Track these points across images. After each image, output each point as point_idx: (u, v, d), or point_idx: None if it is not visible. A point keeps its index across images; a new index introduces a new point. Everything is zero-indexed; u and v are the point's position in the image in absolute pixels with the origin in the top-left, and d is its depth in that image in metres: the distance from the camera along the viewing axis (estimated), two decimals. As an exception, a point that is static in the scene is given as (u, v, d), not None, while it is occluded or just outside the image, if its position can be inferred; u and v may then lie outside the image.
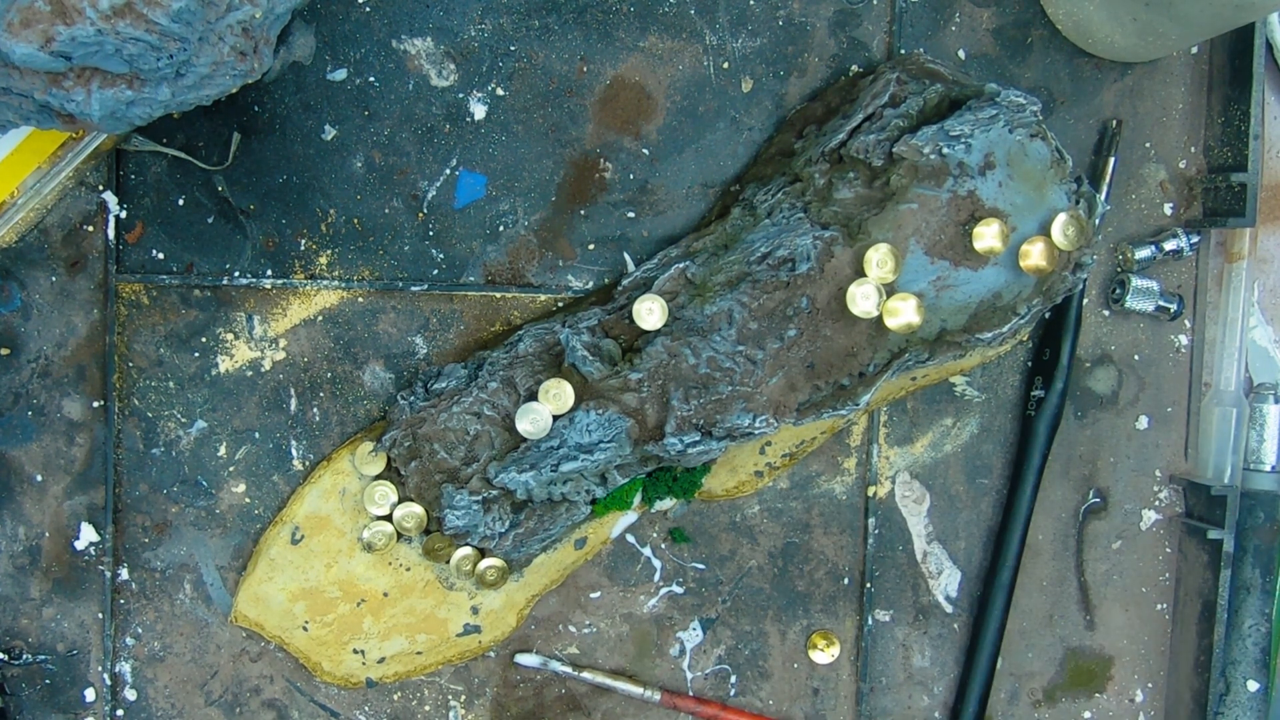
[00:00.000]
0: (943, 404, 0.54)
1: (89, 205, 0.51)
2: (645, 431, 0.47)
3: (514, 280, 0.52)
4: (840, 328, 0.47)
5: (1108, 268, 0.54)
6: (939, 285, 0.46)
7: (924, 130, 0.46)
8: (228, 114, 0.51)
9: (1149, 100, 0.54)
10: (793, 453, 0.53)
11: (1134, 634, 0.56)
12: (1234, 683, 0.53)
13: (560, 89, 0.52)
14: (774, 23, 0.52)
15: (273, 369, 0.52)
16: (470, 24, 0.51)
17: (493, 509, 0.49)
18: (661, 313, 0.48)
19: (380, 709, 0.53)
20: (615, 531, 0.53)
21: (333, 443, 0.52)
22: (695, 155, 0.52)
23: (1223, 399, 0.54)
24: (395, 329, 0.52)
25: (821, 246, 0.46)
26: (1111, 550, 0.55)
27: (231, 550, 0.52)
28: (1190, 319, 0.55)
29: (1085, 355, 0.55)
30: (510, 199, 0.52)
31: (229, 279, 0.51)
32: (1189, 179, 0.54)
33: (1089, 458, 0.55)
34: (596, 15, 0.52)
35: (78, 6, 0.37)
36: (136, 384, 0.52)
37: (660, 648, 0.54)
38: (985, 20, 0.53)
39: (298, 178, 0.51)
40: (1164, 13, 0.48)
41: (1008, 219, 0.46)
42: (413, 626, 0.52)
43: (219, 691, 0.53)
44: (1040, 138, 0.47)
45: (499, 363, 0.49)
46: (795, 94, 0.53)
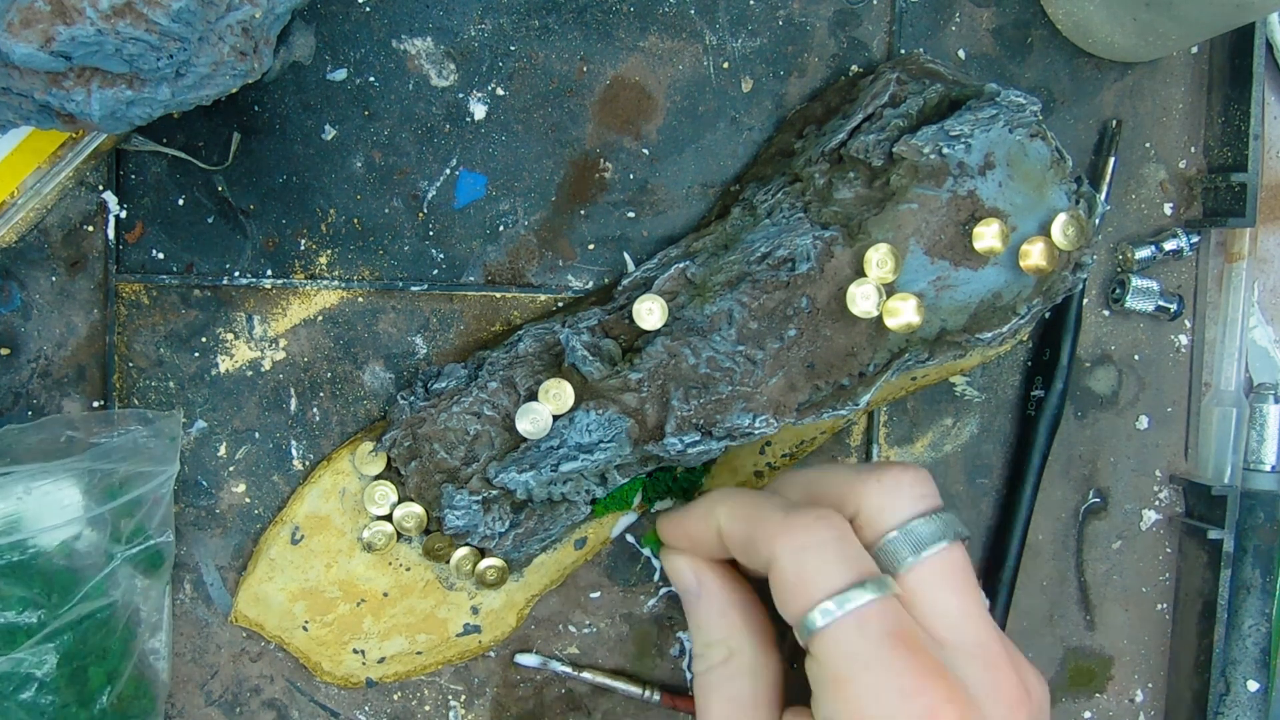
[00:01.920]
0: (943, 404, 0.54)
1: (89, 205, 0.51)
2: (645, 431, 0.47)
3: (514, 280, 0.52)
4: (840, 328, 0.47)
5: (1108, 268, 0.54)
6: (939, 285, 0.46)
7: (924, 130, 0.46)
8: (228, 114, 0.51)
9: (1149, 100, 0.54)
10: (793, 453, 0.53)
11: (1134, 634, 0.56)
12: (1234, 683, 0.53)
13: (560, 89, 0.52)
14: (774, 23, 0.52)
15: (273, 369, 0.52)
16: (470, 24, 0.51)
17: (493, 509, 0.49)
18: (661, 313, 0.48)
19: (380, 709, 0.53)
20: (615, 531, 0.53)
21: (333, 443, 0.52)
22: (695, 155, 0.52)
23: (1223, 399, 0.54)
24: (395, 329, 0.52)
25: (821, 246, 0.46)
26: (1111, 550, 0.55)
27: (231, 550, 0.52)
28: (1190, 319, 0.55)
29: (1085, 355, 0.55)
30: (510, 199, 0.52)
31: (229, 279, 0.51)
32: (1189, 179, 0.54)
33: (1089, 458, 0.55)
34: (596, 15, 0.52)
35: (78, 6, 0.37)
36: (136, 384, 0.52)
37: (660, 648, 0.54)
38: (985, 20, 0.53)
39: (298, 178, 0.51)
40: (1164, 13, 0.48)
41: (1008, 219, 0.46)
42: (413, 626, 0.52)
43: (219, 691, 0.53)
44: (1040, 138, 0.47)
45: (499, 363, 0.49)
46: (795, 94, 0.53)
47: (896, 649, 0.36)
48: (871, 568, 0.39)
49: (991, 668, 0.38)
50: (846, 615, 0.37)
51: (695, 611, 0.44)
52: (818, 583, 0.38)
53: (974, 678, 0.38)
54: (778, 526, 0.39)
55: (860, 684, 0.36)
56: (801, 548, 0.38)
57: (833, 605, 0.37)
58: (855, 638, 0.37)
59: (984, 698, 0.37)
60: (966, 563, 0.40)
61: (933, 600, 0.39)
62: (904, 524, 0.40)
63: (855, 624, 0.37)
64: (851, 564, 0.38)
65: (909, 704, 0.36)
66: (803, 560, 0.38)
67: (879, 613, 0.37)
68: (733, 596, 0.43)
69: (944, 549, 0.40)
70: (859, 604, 0.37)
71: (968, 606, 0.39)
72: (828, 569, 0.38)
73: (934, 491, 0.41)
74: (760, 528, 0.40)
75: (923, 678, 0.36)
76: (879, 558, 0.40)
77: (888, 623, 0.37)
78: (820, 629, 0.37)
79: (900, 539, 0.40)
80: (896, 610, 0.38)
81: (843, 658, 0.37)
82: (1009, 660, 0.39)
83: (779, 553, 0.39)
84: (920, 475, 0.41)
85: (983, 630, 0.39)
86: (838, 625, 0.37)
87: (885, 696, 0.36)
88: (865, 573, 0.38)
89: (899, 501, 0.40)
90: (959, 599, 0.39)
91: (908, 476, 0.41)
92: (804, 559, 0.38)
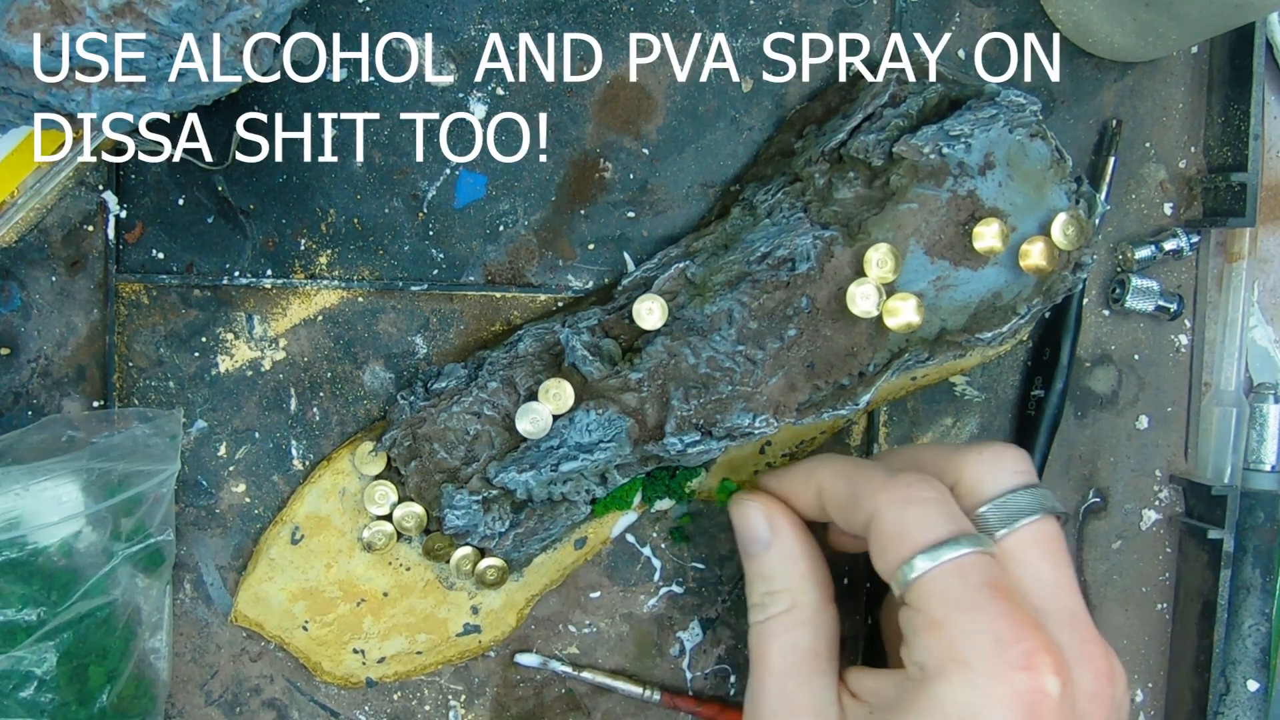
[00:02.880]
0: (943, 404, 0.54)
1: (89, 205, 0.51)
2: (645, 431, 0.48)
3: (514, 280, 0.52)
4: (840, 328, 0.47)
5: (1108, 268, 0.54)
6: (939, 285, 0.46)
7: (924, 130, 0.46)
8: (228, 114, 0.51)
9: (1149, 100, 0.54)
10: (793, 453, 0.53)
11: (1134, 634, 0.56)
12: (1234, 683, 0.53)
13: (560, 89, 0.52)
14: (774, 23, 0.52)
15: (273, 369, 0.52)
16: (470, 24, 0.51)
17: (493, 509, 0.49)
18: (661, 313, 0.48)
19: (380, 709, 0.53)
20: (615, 531, 0.53)
21: (333, 443, 0.52)
22: (695, 155, 0.52)
23: (1223, 399, 0.54)
24: (395, 329, 0.52)
25: (821, 246, 0.46)
26: (1111, 550, 0.55)
27: (231, 550, 0.53)
28: (1190, 319, 0.55)
29: (1085, 355, 0.55)
30: (510, 199, 0.52)
31: (229, 279, 0.51)
32: (1189, 179, 0.54)
33: (1089, 458, 0.55)
34: (596, 15, 0.52)
35: (78, 6, 0.37)
36: (136, 384, 0.52)
37: (660, 648, 0.54)
38: (985, 20, 0.53)
39: (298, 178, 0.51)
40: (1164, 13, 0.48)
41: (1008, 219, 0.46)
42: (413, 626, 0.52)
43: (219, 691, 0.53)
44: (1040, 137, 0.47)
45: (499, 363, 0.49)
46: (795, 94, 0.53)
47: (996, 597, 0.37)
48: (969, 526, 0.40)
49: (1083, 639, 0.39)
50: (946, 564, 0.38)
51: (762, 560, 0.45)
52: (918, 534, 0.39)
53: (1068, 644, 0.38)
54: (880, 484, 0.41)
55: (957, 626, 0.37)
56: (904, 501, 0.40)
57: (930, 557, 0.38)
58: (954, 583, 0.38)
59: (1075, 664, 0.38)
60: (1061, 537, 0.42)
61: (1029, 566, 0.40)
62: (1003, 494, 0.41)
63: (954, 571, 0.38)
64: (952, 519, 0.39)
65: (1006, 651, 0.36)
66: (904, 513, 0.39)
67: (978, 564, 0.38)
68: (803, 547, 0.45)
69: (1040, 520, 0.41)
70: (958, 554, 0.38)
71: (1061, 577, 0.40)
72: (929, 521, 0.39)
73: (1032, 469, 0.43)
74: (864, 486, 0.41)
75: (1021, 626, 0.36)
76: (978, 524, 0.41)
77: (987, 574, 0.38)
78: (919, 576, 0.38)
79: (1000, 507, 0.41)
80: (994, 565, 0.39)
81: (941, 601, 0.37)
82: (1097, 633, 0.40)
83: (881, 507, 0.40)
84: (1020, 453, 0.43)
85: (1075, 602, 0.40)
86: (938, 571, 0.38)
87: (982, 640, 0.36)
88: (965, 529, 0.39)
89: (999, 474, 0.42)
90: (1053, 568, 0.40)
91: (1009, 453, 0.43)
92: (905, 512, 0.40)
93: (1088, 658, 0.39)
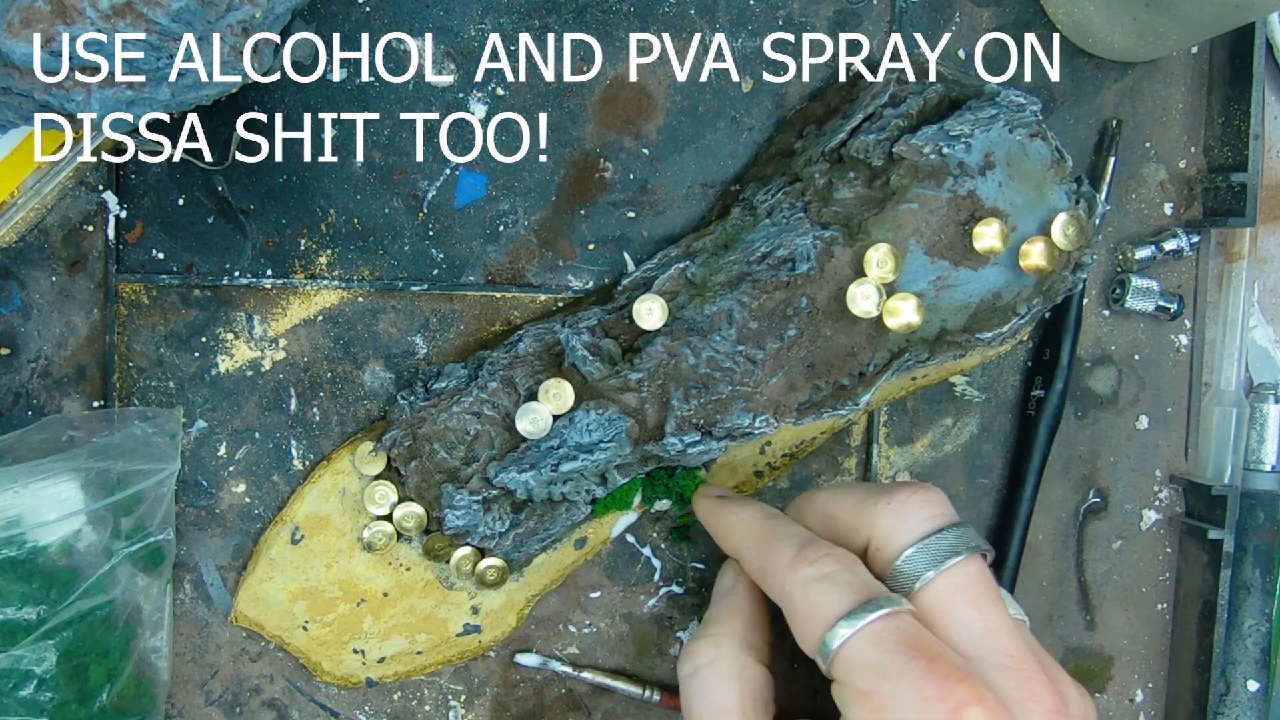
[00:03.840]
0: (943, 404, 0.54)
1: (89, 205, 0.51)
2: (645, 431, 0.47)
3: (514, 280, 0.52)
4: (840, 328, 0.47)
5: (1108, 268, 0.54)
6: (939, 285, 0.46)
7: (924, 130, 0.46)
8: (228, 114, 0.51)
9: (1149, 100, 0.54)
10: (793, 453, 0.53)
11: (1134, 634, 0.56)
12: (1234, 683, 0.53)
13: (560, 89, 0.52)
14: (774, 23, 0.52)
15: (273, 369, 0.52)
16: (470, 24, 0.51)
17: (493, 509, 0.49)
18: (661, 313, 0.48)
19: (380, 709, 0.53)
20: (615, 531, 0.53)
21: (333, 443, 0.52)
22: (695, 155, 0.52)
23: (1223, 399, 0.54)
24: (395, 329, 0.52)
25: (821, 246, 0.46)
26: (1111, 550, 0.55)
27: (231, 550, 0.53)
28: (1190, 319, 0.55)
29: (1085, 355, 0.55)
30: (510, 199, 0.52)
31: (229, 279, 0.51)
32: (1189, 179, 0.54)
33: (1089, 458, 0.55)
34: (596, 15, 0.52)
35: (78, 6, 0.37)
36: (136, 384, 0.52)
37: (660, 648, 0.54)
38: (985, 20, 0.53)
39: (298, 178, 0.51)
40: (1164, 13, 0.48)
41: (1008, 219, 0.46)
42: (413, 626, 0.52)
43: (219, 691, 0.53)
44: (1040, 137, 0.47)
45: (499, 363, 0.49)
46: (795, 94, 0.53)
47: (914, 657, 0.37)
48: (879, 589, 0.39)
49: (1023, 678, 0.38)
50: (858, 632, 0.38)
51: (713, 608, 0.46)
52: (828, 610, 0.38)
53: (1008, 688, 0.38)
54: (787, 564, 0.41)
55: (883, 694, 0.36)
56: (809, 580, 0.40)
57: (844, 626, 0.38)
58: (870, 651, 0.37)
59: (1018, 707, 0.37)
60: (985, 575, 0.40)
61: (953, 614, 0.39)
62: (915, 543, 0.40)
63: (869, 639, 0.37)
64: (858, 588, 0.39)
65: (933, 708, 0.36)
66: (810, 591, 0.39)
67: (891, 627, 0.38)
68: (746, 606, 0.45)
69: (959, 564, 0.40)
70: (869, 620, 0.38)
71: (990, 619, 0.39)
72: (834, 595, 0.39)
73: (945, 509, 0.42)
74: (771, 562, 0.42)
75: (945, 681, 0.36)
76: (895, 579, 0.40)
77: (902, 635, 0.37)
78: (838, 648, 0.38)
79: (912, 558, 0.40)
80: (910, 623, 0.38)
81: (861, 672, 0.37)
82: (1041, 671, 0.38)
83: (789, 588, 0.40)
84: (930, 495, 0.42)
85: (1008, 642, 0.39)
86: (854, 641, 0.38)
87: (909, 703, 0.36)
88: (873, 593, 0.39)
89: (908, 522, 0.41)
90: (978, 611, 0.39)
91: (917, 497, 0.42)
92: (811, 590, 0.39)
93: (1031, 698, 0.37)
